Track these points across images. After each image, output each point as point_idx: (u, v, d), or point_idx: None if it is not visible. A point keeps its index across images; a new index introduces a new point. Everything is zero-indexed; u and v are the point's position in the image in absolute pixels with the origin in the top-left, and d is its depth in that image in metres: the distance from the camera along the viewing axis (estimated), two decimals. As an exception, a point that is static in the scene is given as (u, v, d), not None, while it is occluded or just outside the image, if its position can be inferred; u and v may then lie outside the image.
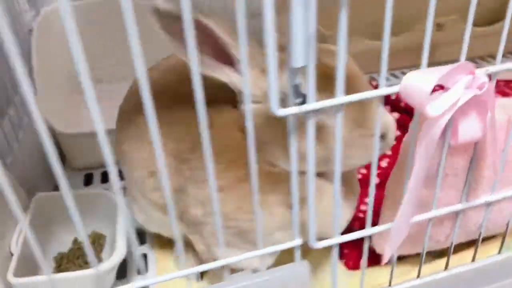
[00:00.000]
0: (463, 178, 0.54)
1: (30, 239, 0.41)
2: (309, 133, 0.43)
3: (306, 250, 0.52)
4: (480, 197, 0.55)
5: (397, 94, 1.12)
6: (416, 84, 0.41)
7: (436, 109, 0.41)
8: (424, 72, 0.42)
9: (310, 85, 0.40)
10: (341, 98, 0.41)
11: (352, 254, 0.75)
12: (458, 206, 0.55)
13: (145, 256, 0.84)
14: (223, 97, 0.55)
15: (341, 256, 0.76)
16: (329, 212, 0.50)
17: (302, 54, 0.38)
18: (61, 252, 0.81)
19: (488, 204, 0.56)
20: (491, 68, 0.44)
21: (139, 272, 0.78)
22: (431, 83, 0.40)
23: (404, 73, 1.31)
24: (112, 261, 0.69)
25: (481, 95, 0.44)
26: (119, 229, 0.75)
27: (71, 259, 0.80)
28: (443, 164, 0.50)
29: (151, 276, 0.80)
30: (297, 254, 0.53)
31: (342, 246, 0.77)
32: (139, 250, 0.85)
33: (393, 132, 0.53)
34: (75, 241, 0.84)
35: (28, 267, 0.69)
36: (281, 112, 0.41)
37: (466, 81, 0.42)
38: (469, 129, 0.46)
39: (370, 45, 1.35)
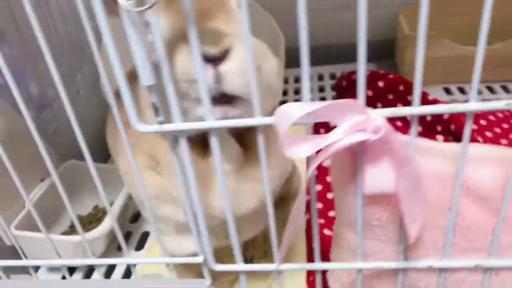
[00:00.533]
0: (396, 232, 0.44)
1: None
2: (183, 151, 0.41)
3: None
4: (421, 259, 0.45)
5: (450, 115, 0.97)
6: (282, 118, 0.35)
7: (299, 150, 0.35)
8: (299, 105, 0.35)
9: (172, 105, 0.38)
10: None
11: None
12: (391, 264, 0.46)
13: (147, 234, 0.90)
14: None
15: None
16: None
17: (147, 74, 0.36)
18: (79, 215, 0.91)
19: (440, 271, 0.45)
20: (384, 112, 0.35)
21: (119, 249, 0.84)
22: (291, 119, 0.34)
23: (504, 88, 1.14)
24: (95, 232, 0.76)
25: (382, 141, 0.35)
26: (115, 204, 0.82)
27: (85, 223, 0.89)
28: (359, 213, 0.42)
29: (134, 255, 0.85)
30: (205, 271, 0.51)
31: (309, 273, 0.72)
32: (137, 227, 0.92)
33: None
34: (96, 207, 0.94)
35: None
36: (140, 127, 0.40)
37: (352, 123, 0.35)
38: (378, 179, 0.38)
39: (464, 50, 1.16)
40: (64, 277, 0.60)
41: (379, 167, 0.37)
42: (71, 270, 0.83)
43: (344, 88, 1.20)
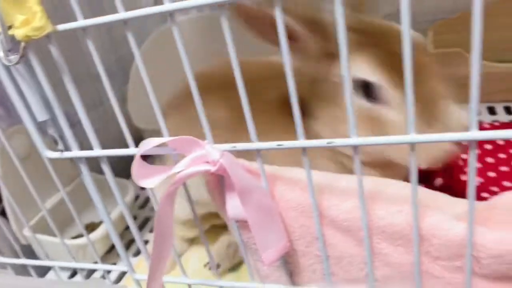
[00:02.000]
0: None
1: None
2: (83, 174, 0.48)
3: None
4: (307, 284, 0.46)
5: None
6: (141, 149, 0.40)
7: (150, 180, 0.39)
8: (156, 139, 0.40)
9: (67, 135, 0.45)
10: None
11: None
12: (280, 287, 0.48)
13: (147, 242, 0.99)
14: None
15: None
16: None
17: (39, 111, 0.43)
18: (92, 222, 1.03)
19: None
20: (222, 146, 0.38)
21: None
22: (140, 151, 0.39)
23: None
24: (91, 235, 0.87)
25: (217, 172, 0.38)
26: (112, 213, 0.92)
27: (95, 228, 1.00)
28: (238, 237, 0.45)
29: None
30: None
31: None
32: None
33: None
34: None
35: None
36: (47, 154, 0.47)
37: (194, 156, 0.38)
38: (234, 206, 0.41)
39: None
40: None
41: (232, 195, 0.41)
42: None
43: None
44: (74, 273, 0.95)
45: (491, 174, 0.81)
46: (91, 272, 0.94)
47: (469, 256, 0.38)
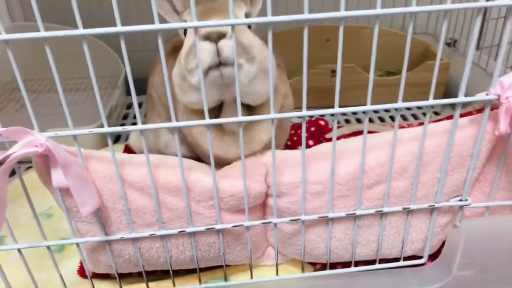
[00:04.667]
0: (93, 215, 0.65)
1: None
2: None
3: None
4: (117, 233, 0.66)
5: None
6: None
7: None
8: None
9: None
10: None
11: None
12: (95, 239, 0.66)
13: None
14: None
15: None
16: None
17: None
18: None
19: (133, 240, 0.66)
20: (47, 134, 0.55)
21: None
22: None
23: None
24: None
25: (51, 152, 0.55)
26: None
27: None
28: (63, 206, 0.62)
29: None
30: None
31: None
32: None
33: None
34: None
35: None
36: None
37: (25, 141, 0.54)
38: (57, 178, 0.57)
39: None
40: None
41: (56, 170, 0.57)
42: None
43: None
44: None
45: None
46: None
47: (216, 197, 0.63)
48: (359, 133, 1.23)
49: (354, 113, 1.36)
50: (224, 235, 0.68)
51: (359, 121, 1.34)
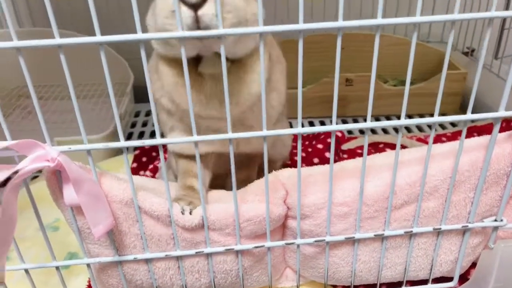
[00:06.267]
0: (106, 237, 0.61)
1: None
2: None
3: None
4: (131, 252, 0.62)
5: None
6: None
7: (-4, 175, 0.50)
8: None
9: None
10: None
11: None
12: (107, 259, 0.62)
13: None
14: None
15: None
16: None
17: None
18: None
19: (146, 261, 0.62)
20: (60, 148, 0.51)
21: None
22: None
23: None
24: None
25: (63, 168, 0.51)
26: None
27: None
28: (75, 226, 0.58)
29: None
30: None
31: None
32: None
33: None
34: None
35: None
36: None
37: (35, 155, 0.50)
38: (69, 195, 0.53)
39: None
40: None
41: (68, 186, 0.53)
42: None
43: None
44: None
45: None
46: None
47: (237, 217, 0.59)
48: (376, 144, 1.19)
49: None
50: (243, 259, 0.64)
51: (373, 131, 1.30)
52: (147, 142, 0.54)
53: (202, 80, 0.59)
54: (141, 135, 1.37)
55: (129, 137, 1.36)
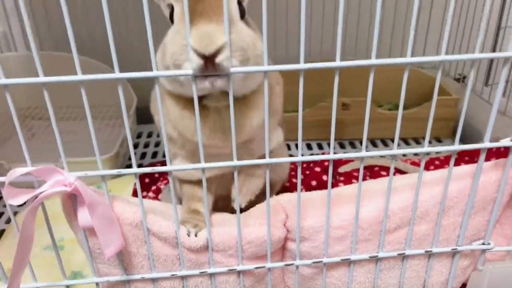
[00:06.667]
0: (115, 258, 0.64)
1: None
2: None
3: None
4: (138, 272, 0.65)
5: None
6: (8, 177, 0.53)
7: (19, 198, 0.53)
8: (21, 169, 0.54)
9: None
10: None
11: None
12: (116, 278, 0.65)
13: None
14: None
15: None
16: None
17: None
18: None
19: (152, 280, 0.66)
20: (76, 174, 0.55)
21: None
22: (11, 177, 0.52)
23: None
24: None
25: (79, 192, 0.55)
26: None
27: None
28: (86, 247, 0.61)
29: None
30: None
31: None
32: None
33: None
34: None
35: None
36: None
37: (54, 180, 0.54)
38: (83, 218, 0.57)
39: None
40: None
41: (82, 209, 0.57)
42: None
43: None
44: None
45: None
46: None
47: (239, 239, 0.63)
48: (371, 167, 1.24)
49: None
50: (244, 279, 0.67)
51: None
52: (157, 169, 0.58)
53: (207, 112, 0.63)
54: (143, 156, 1.40)
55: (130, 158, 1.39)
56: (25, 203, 0.55)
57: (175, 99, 0.63)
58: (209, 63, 0.51)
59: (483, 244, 0.69)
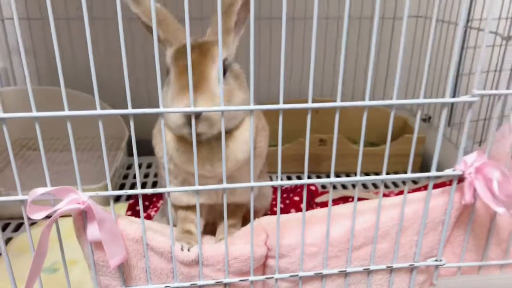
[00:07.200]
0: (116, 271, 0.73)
1: None
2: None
3: None
4: (140, 285, 0.73)
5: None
6: (30, 196, 0.63)
7: (39, 214, 0.62)
8: (42, 189, 0.63)
9: None
10: None
11: None
12: (116, 290, 0.73)
13: None
14: None
15: None
16: None
17: None
18: None
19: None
20: (89, 193, 0.65)
21: None
22: (34, 196, 0.62)
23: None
24: None
25: (90, 209, 0.64)
26: None
27: None
28: (91, 259, 0.70)
29: None
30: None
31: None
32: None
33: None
34: None
35: None
36: None
37: (69, 199, 0.63)
38: (92, 232, 0.66)
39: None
40: None
41: (92, 225, 0.66)
42: None
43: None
44: None
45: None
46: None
47: (226, 256, 0.72)
48: (345, 198, 1.35)
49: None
50: (230, 291, 0.76)
51: (344, 186, 1.48)
52: (159, 190, 0.68)
53: (199, 146, 0.72)
54: (132, 187, 1.49)
55: (121, 187, 1.48)
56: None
57: (172, 135, 0.75)
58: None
59: (436, 260, 0.80)
